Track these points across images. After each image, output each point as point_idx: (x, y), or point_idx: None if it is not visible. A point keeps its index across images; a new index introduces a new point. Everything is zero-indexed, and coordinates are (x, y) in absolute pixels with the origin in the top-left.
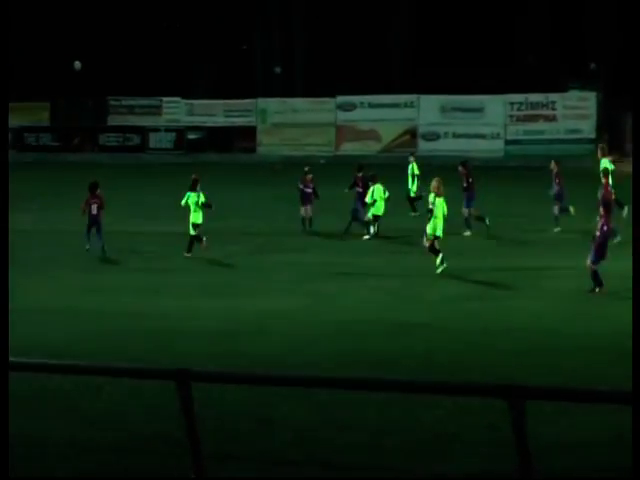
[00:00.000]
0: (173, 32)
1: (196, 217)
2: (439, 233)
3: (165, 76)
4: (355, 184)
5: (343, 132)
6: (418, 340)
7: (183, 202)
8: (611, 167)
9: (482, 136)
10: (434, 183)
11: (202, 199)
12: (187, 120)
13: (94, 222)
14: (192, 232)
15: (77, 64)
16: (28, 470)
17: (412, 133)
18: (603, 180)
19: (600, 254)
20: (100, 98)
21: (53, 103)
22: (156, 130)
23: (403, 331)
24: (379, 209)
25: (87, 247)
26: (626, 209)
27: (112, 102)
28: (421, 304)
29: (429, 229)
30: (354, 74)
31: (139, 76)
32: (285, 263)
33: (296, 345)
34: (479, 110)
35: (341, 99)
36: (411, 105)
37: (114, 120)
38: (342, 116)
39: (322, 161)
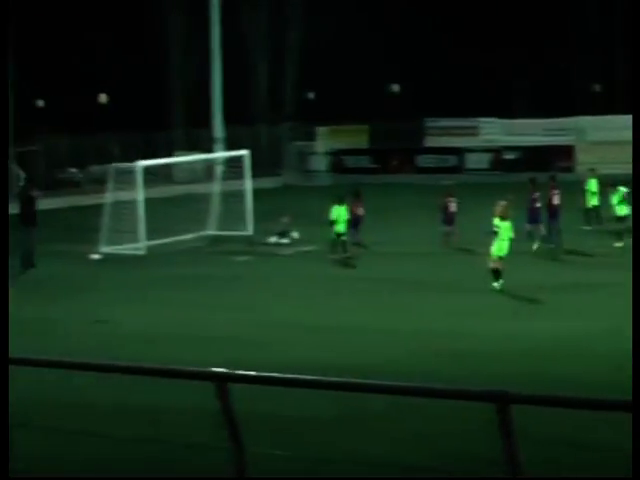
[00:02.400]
0: (488, 53)
1: (342, 227)
2: (503, 254)
3: (482, 96)
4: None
5: None
6: None
7: (334, 216)
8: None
9: None
10: (498, 208)
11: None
12: (504, 140)
13: (356, 221)
14: (336, 238)
15: (394, 87)
16: None
17: None
18: None
19: None
20: (417, 120)
21: (371, 126)
22: (473, 151)
23: None
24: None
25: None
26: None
27: (429, 124)
28: None
29: (494, 250)
30: None
31: (456, 97)
32: (605, 282)
33: (615, 367)
34: None
35: None
36: None
37: (431, 141)
38: None
39: None
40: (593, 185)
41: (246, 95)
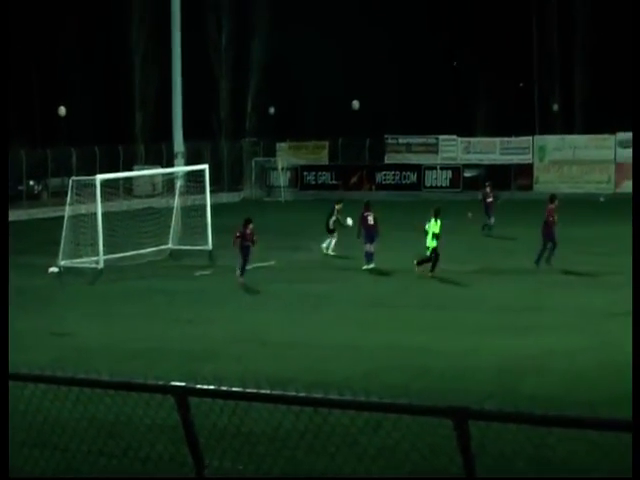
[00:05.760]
0: (450, 71)
1: (432, 242)
2: None
3: (441, 114)
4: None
5: (623, 170)
6: None
7: (427, 227)
8: None
9: None
10: None
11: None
12: (464, 158)
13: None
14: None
15: (355, 103)
16: None
17: None
18: None
19: None
20: (377, 137)
21: (332, 142)
22: (432, 168)
23: None
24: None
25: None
26: None
27: (389, 141)
28: None
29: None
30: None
31: (416, 115)
32: (567, 302)
33: (576, 385)
34: None
35: (622, 136)
36: None
37: (391, 158)
38: (623, 153)
39: (601, 199)
40: None
41: (207, 110)
